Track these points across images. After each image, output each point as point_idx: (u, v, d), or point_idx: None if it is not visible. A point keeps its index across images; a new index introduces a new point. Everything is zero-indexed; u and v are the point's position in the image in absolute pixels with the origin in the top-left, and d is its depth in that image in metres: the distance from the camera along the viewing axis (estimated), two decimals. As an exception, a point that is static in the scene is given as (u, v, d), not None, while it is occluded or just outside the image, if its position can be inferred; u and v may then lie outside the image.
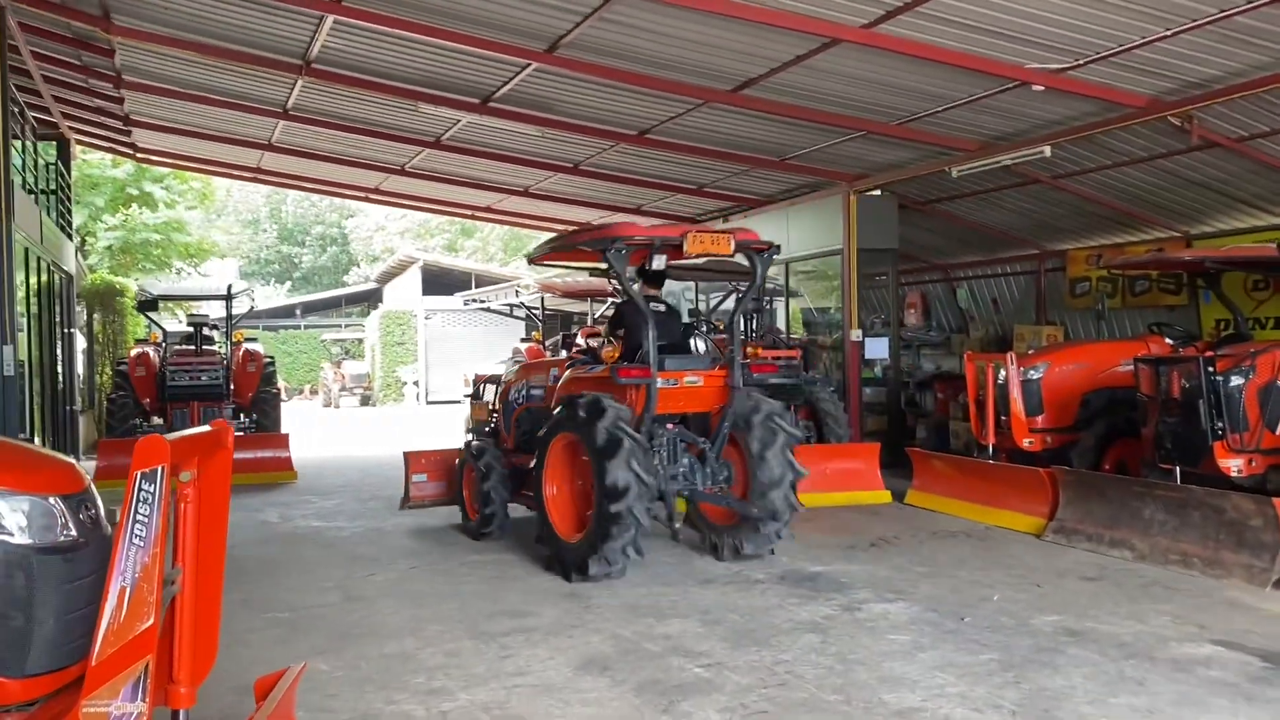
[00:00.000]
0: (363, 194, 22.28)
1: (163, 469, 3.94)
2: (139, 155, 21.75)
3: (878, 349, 16.13)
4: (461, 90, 14.04)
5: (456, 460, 11.41)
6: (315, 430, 25.63)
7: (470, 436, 11.77)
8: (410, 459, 11.91)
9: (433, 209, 23.45)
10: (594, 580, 8.96)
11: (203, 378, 15.87)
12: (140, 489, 3.94)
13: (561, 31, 11.35)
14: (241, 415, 16.70)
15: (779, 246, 9.89)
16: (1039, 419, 12.03)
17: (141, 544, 3.94)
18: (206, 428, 4.40)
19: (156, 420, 16.50)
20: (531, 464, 9.73)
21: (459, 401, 32.15)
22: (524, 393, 10.84)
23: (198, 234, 29.85)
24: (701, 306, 18.85)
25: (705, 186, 18.15)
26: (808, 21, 9.96)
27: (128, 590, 3.93)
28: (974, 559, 9.68)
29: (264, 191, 65.68)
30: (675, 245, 9.51)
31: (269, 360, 17.69)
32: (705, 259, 9.78)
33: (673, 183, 17.98)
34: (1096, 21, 9.57)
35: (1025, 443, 11.92)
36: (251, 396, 16.81)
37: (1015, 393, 11.92)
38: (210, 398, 15.93)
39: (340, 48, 13.06)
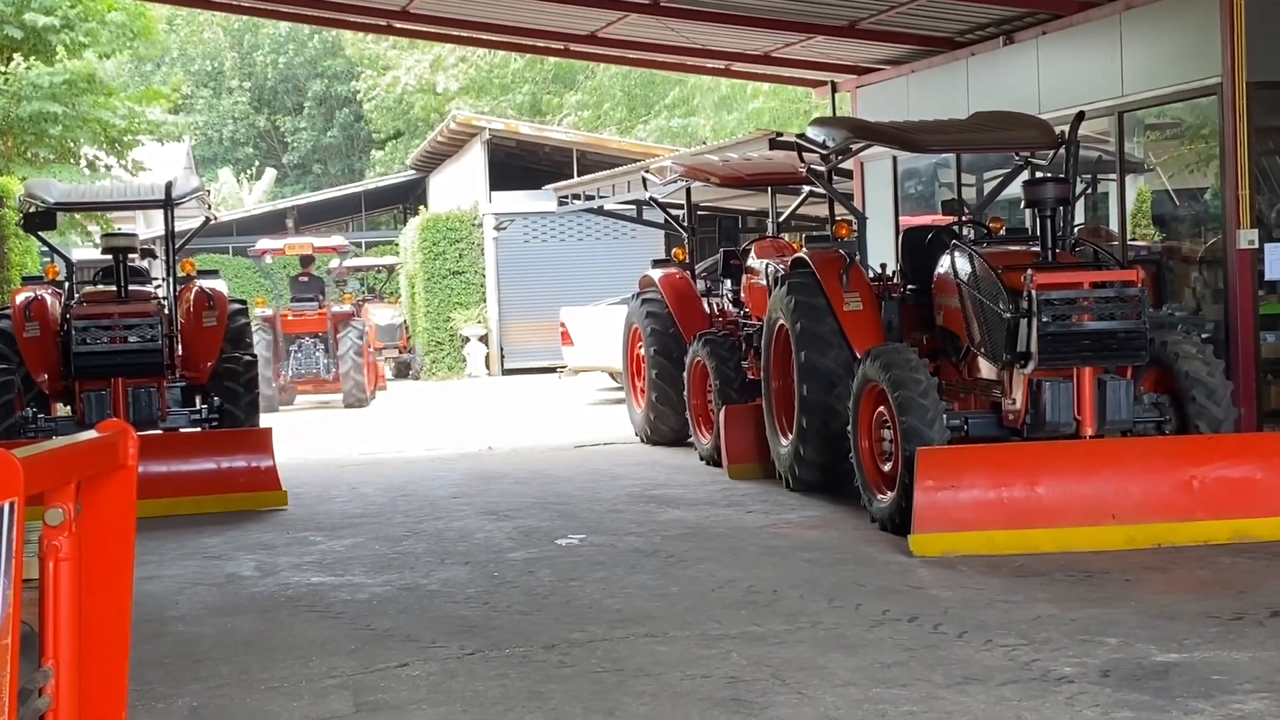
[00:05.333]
0: (382, 21, 19.85)
1: (9, 506, 3.26)
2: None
3: (1291, 262, 13.35)
4: None
5: None
6: (316, 421, 22.74)
7: None
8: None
9: (498, 43, 21.75)
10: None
11: (130, 338, 13.40)
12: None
13: None
14: (196, 399, 14.28)
15: (347, 249, 24.54)
16: None
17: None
18: (92, 434, 4.07)
19: (61, 409, 14.12)
20: None
21: (557, 370, 27.15)
22: None
23: (127, 97, 24.90)
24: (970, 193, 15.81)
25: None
26: None
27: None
28: None
29: (230, 26, 54.96)
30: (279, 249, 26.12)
31: (238, 305, 15.02)
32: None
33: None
34: None
35: None
36: (211, 367, 14.17)
37: None
38: (142, 371, 13.43)
39: None
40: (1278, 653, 7.07)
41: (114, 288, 13.88)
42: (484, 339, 32.08)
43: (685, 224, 16.76)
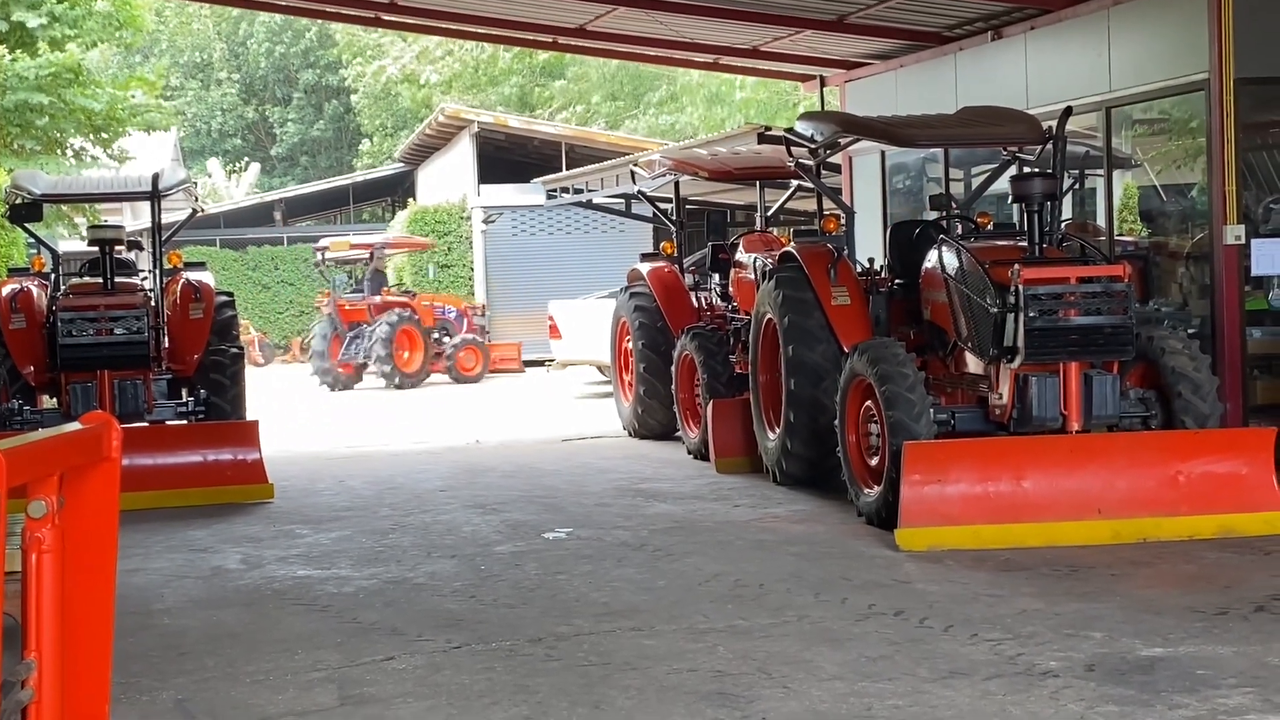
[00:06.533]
0: (370, 13, 19.72)
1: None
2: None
3: (1276, 258, 13.04)
4: None
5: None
6: (305, 413, 22.65)
7: None
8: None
9: (486, 35, 21.73)
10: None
11: (116, 330, 13.27)
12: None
13: None
14: (183, 391, 14.06)
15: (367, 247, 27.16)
16: None
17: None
18: (76, 425, 3.91)
19: (48, 401, 13.99)
20: None
21: (545, 363, 27.17)
22: None
23: (114, 88, 24.36)
24: (958, 189, 15.46)
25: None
26: None
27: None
28: None
29: (219, 16, 54.67)
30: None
31: (225, 297, 14.81)
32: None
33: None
34: None
35: None
36: (197, 360, 14.04)
37: None
38: (128, 363, 13.29)
39: None
40: (1262, 647, 7.06)
41: (100, 279, 13.66)
42: (472, 331, 31.95)
43: (674, 218, 16.67)
